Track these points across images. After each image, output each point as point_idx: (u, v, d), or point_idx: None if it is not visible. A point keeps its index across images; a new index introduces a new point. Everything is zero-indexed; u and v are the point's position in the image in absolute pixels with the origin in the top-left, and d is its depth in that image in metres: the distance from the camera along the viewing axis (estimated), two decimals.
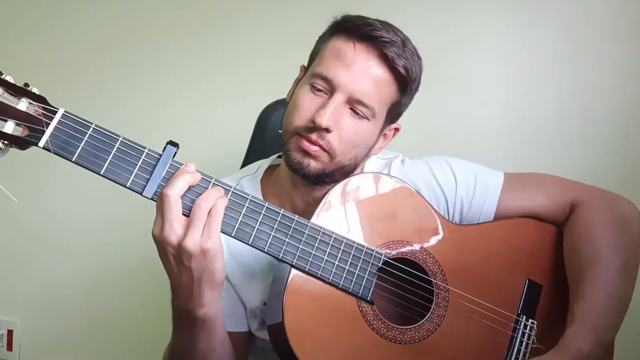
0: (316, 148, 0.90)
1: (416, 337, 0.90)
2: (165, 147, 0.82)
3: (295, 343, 0.84)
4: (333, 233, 0.88)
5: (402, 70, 0.91)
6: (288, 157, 0.93)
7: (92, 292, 1.71)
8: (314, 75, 0.92)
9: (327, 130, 0.89)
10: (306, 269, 0.86)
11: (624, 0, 1.43)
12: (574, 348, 0.86)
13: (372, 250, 0.90)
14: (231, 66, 1.63)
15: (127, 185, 0.80)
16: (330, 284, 0.87)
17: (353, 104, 0.91)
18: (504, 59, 1.50)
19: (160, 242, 0.78)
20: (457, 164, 1.04)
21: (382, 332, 0.88)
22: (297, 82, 0.99)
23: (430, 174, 1.02)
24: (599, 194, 1.02)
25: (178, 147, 0.83)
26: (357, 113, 0.91)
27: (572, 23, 1.46)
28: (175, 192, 0.77)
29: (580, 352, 0.85)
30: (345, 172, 0.95)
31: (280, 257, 0.85)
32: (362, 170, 1.04)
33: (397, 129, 1.02)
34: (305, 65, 0.99)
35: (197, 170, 0.82)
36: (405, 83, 0.93)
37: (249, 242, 0.84)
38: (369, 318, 0.88)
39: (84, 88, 1.74)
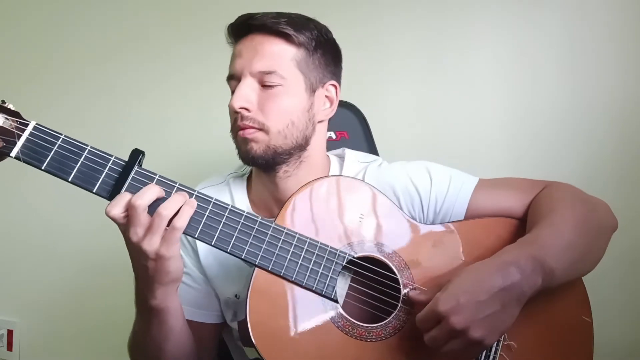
0: (250, 130, 0.96)
1: (382, 335, 0.91)
2: (130, 155, 0.86)
3: (259, 342, 0.86)
4: (296, 233, 0.91)
5: (279, 27, 0.97)
6: (239, 153, 1.00)
7: (93, 292, 1.76)
8: (227, 82, 1.02)
9: (247, 110, 0.96)
10: (269, 268, 0.89)
11: (623, 2, 1.44)
12: (506, 256, 0.86)
13: (336, 250, 0.92)
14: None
15: (94, 191, 0.84)
16: (293, 282, 0.90)
17: (259, 78, 0.97)
18: (503, 61, 1.52)
19: (125, 236, 0.83)
20: (434, 166, 1.07)
21: (347, 330, 0.90)
22: None
23: (406, 175, 1.04)
24: (568, 184, 1.03)
25: (143, 154, 0.87)
26: (267, 84, 0.96)
27: (572, 25, 1.47)
28: (140, 202, 0.81)
29: (513, 259, 0.84)
30: (295, 144, 0.99)
31: (243, 257, 0.88)
32: (341, 170, 1.08)
33: (334, 86, 1.05)
34: None
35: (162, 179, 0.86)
36: (293, 36, 0.97)
37: (212, 243, 0.87)
38: (333, 316, 0.90)
39: (89, 90, 1.80)
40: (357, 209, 0.96)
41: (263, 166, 1.00)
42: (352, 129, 1.34)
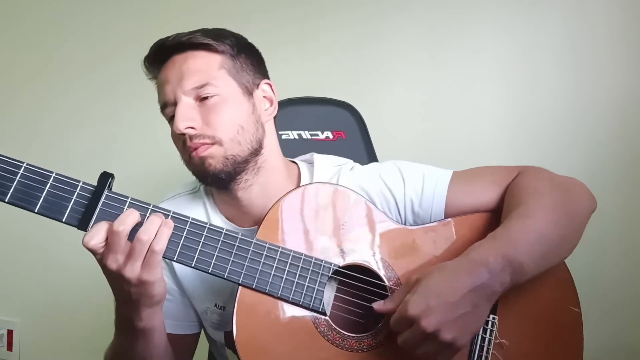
0: (203, 147, 0.93)
1: (373, 344, 0.89)
2: (99, 179, 0.82)
3: None
4: (279, 247, 0.88)
5: (196, 41, 0.94)
6: (197, 177, 0.97)
7: (92, 292, 1.73)
8: (162, 113, 0.99)
9: (193, 128, 0.92)
10: (253, 286, 0.86)
11: (623, 2, 1.41)
12: (475, 254, 0.83)
13: (321, 261, 0.89)
14: None
15: (63, 221, 0.80)
16: (279, 298, 0.87)
17: (194, 95, 0.93)
18: (503, 62, 1.49)
19: (101, 264, 0.81)
20: (406, 165, 1.02)
21: (337, 342, 0.88)
22: None
23: (379, 178, 1.00)
24: (540, 168, 0.99)
25: (113, 177, 0.83)
26: (203, 97, 0.93)
27: (571, 25, 1.44)
28: (123, 228, 0.78)
29: (482, 258, 0.82)
30: (251, 149, 0.96)
31: (225, 277, 0.85)
32: (312, 175, 1.04)
33: (269, 84, 1.02)
34: None
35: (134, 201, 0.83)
36: (214, 45, 0.95)
37: (192, 265, 0.84)
38: (323, 329, 0.88)
39: (89, 90, 1.78)
40: (337, 216, 0.93)
41: (225, 182, 0.96)
42: (350, 129, 1.33)
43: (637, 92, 1.39)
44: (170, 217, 0.83)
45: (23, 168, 0.80)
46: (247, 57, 0.99)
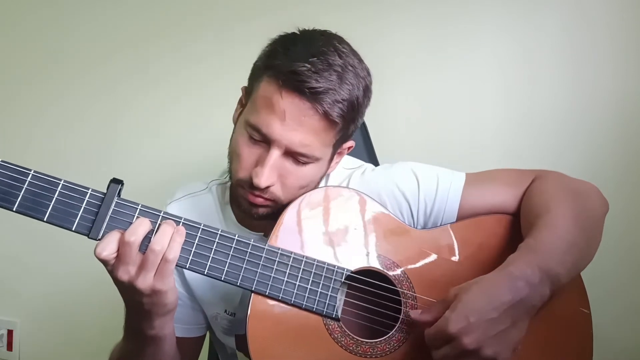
0: (261, 200, 0.90)
1: (387, 349, 0.89)
2: (108, 186, 0.80)
3: None
4: (292, 253, 0.87)
5: (338, 120, 0.87)
6: (238, 200, 0.94)
7: (93, 292, 1.72)
8: (248, 125, 0.88)
9: (268, 187, 0.88)
10: (266, 293, 0.85)
11: (623, 2, 1.40)
12: (513, 268, 0.81)
13: (334, 266, 0.88)
14: (229, 71, 1.63)
15: (73, 229, 0.78)
16: (293, 305, 0.86)
17: (292, 155, 0.88)
18: (503, 62, 1.48)
19: (112, 275, 0.79)
20: (419, 167, 1.01)
21: (351, 348, 0.88)
22: (240, 110, 0.95)
23: (391, 180, 0.99)
24: (557, 173, 0.99)
25: (122, 184, 0.81)
26: (299, 161, 0.88)
27: (571, 25, 1.43)
28: (134, 239, 0.77)
29: (521, 272, 0.80)
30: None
31: (238, 284, 0.84)
32: (328, 179, 1.03)
33: (351, 147, 0.99)
34: (246, 86, 0.95)
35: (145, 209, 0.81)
36: (346, 123, 0.89)
37: (205, 273, 0.83)
38: (336, 335, 0.87)
39: (88, 90, 1.75)
40: (350, 220, 0.92)
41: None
42: None
43: (637, 92, 1.39)
44: (181, 223, 0.82)
45: (30, 176, 0.77)
46: (356, 122, 0.94)
